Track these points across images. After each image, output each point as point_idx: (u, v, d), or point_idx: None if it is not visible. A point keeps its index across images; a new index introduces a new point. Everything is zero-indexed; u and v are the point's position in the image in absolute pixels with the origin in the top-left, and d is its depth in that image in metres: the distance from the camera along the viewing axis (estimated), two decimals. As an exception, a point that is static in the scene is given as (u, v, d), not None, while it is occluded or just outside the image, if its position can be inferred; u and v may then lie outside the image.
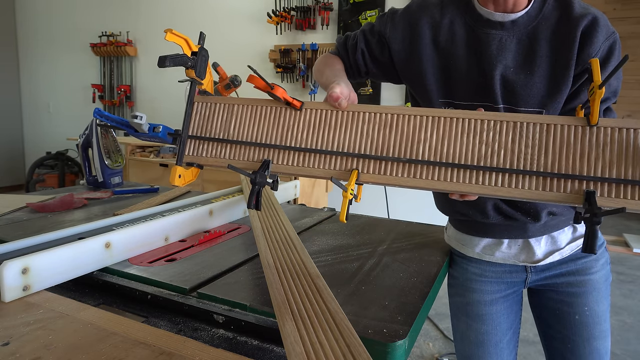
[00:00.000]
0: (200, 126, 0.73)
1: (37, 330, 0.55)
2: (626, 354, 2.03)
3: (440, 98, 0.85)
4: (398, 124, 0.67)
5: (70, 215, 1.12)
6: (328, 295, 0.62)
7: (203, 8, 3.99)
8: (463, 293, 0.96)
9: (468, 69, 0.81)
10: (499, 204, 0.85)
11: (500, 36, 0.79)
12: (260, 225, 0.93)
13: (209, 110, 0.74)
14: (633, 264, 3.24)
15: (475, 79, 0.81)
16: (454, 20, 0.84)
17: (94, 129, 1.41)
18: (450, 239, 0.97)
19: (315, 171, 0.67)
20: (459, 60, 0.82)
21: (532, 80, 0.77)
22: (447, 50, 0.83)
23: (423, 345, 2.11)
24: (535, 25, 0.77)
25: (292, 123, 0.70)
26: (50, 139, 4.99)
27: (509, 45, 0.78)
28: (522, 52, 0.78)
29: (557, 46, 0.76)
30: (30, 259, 0.65)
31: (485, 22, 0.80)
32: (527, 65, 0.78)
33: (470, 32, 0.82)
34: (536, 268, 0.90)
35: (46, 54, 5.02)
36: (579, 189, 0.59)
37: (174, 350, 0.51)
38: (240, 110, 0.73)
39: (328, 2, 3.32)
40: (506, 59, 0.78)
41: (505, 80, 0.78)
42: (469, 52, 0.81)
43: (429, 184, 0.63)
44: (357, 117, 0.68)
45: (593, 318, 0.88)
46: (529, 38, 0.78)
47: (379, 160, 0.66)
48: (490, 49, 0.79)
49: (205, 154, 0.72)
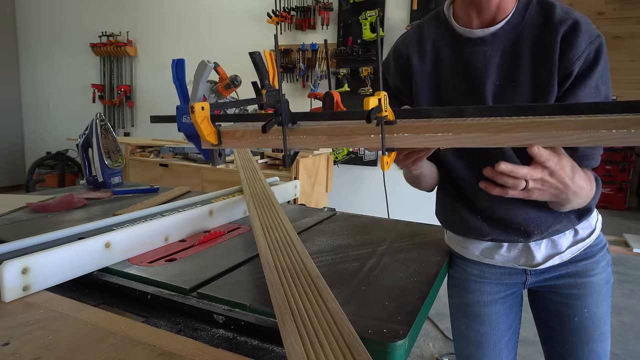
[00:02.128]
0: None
1: (37, 330, 0.55)
2: (626, 354, 2.03)
3: None
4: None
5: (70, 215, 1.12)
6: (328, 295, 0.62)
7: (203, 8, 3.99)
8: (462, 294, 0.96)
9: (458, 89, 0.82)
10: (497, 232, 0.86)
11: (484, 51, 0.78)
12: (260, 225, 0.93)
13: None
14: (633, 264, 3.24)
15: (467, 98, 0.81)
16: (436, 43, 0.84)
17: (94, 128, 1.41)
18: (450, 241, 0.97)
19: (345, 124, 0.63)
20: (448, 82, 0.83)
21: (519, 91, 0.77)
22: (435, 75, 0.84)
23: (423, 345, 2.11)
24: (518, 34, 0.76)
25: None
26: (50, 139, 4.99)
27: (493, 59, 0.78)
28: (506, 63, 0.77)
29: (539, 54, 0.75)
30: (30, 259, 0.65)
31: (467, 41, 0.80)
32: (512, 76, 0.77)
33: (454, 53, 0.82)
34: (536, 270, 0.90)
35: (46, 54, 5.02)
36: None
37: (174, 350, 0.51)
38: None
39: (328, 2, 3.32)
40: (493, 73, 0.78)
41: (494, 93, 0.78)
42: (455, 72, 0.82)
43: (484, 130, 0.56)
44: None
45: (592, 320, 0.88)
46: (512, 48, 0.77)
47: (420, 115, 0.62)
48: (477, 65, 0.79)
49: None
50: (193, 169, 2.82)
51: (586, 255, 0.88)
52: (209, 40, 4.00)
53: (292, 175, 2.58)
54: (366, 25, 3.12)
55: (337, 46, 3.32)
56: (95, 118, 1.42)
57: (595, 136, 0.52)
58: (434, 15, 0.87)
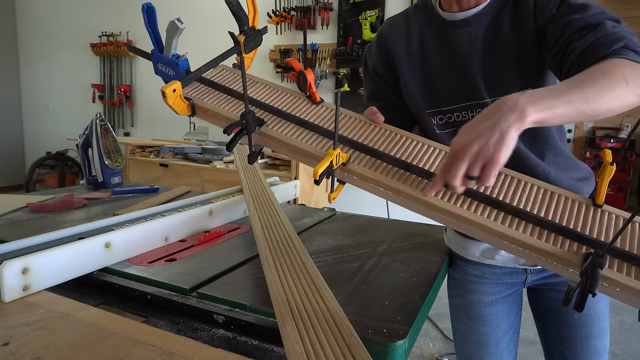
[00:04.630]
0: (216, 81, 0.76)
1: (37, 330, 0.55)
2: (626, 354, 2.03)
3: (427, 109, 0.86)
4: (404, 143, 0.69)
5: (70, 215, 1.12)
6: (328, 295, 0.62)
7: (203, 7, 3.99)
8: (463, 294, 0.96)
9: (447, 74, 0.83)
10: None
11: (468, 32, 0.80)
12: (260, 225, 0.93)
13: (232, 77, 0.78)
14: (633, 264, 3.23)
15: (457, 82, 0.82)
16: (422, 29, 0.86)
17: (94, 129, 1.41)
18: (450, 242, 0.97)
19: (305, 146, 0.68)
20: (436, 68, 0.84)
21: (507, 63, 0.78)
22: (422, 60, 0.85)
23: (423, 345, 2.11)
24: (498, 11, 0.79)
25: (304, 111, 0.72)
26: (50, 139, 4.99)
27: (477, 39, 0.80)
28: (490, 40, 0.79)
29: (519, 21, 0.77)
30: (30, 259, 0.65)
31: (450, 24, 0.82)
32: (498, 52, 0.79)
33: (439, 37, 0.84)
34: (536, 269, 0.90)
35: (46, 54, 5.01)
36: (578, 250, 0.54)
37: (174, 350, 0.51)
38: (260, 87, 0.76)
39: (328, 2, 3.32)
40: (479, 53, 0.80)
41: (484, 73, 0.80)
42: (443, 57, 0.83)
43: (418, 196, 0.61)
44: (370, 127, 0.70)
45: (592, 317, 0.88)
46: (493, 25, 0.79)
47: (374, 157, 0.66)
48: (463, 47, 0.81)
49: (206, 100, 0.73)
50: (193, 169, 2.82)
51: None
52: (208, 40, 4.00)
53: (292, 175, 2.58)
54: (366, 25, 3.12)
55: (337, 46, 3.32)
56: (95, 118, 1.42)
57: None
58: (420, 4, 0.89)
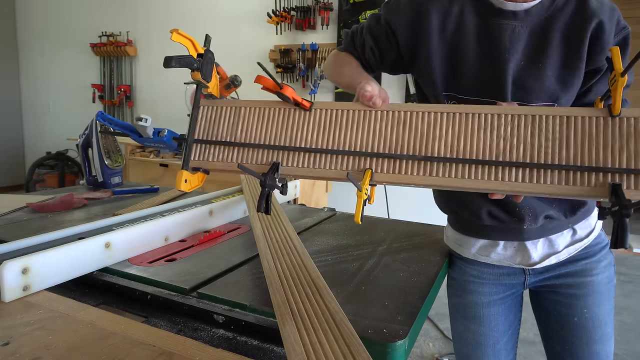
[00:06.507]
0: (207, 130, 0.72)
1: (37, 330, 0.55)
2: (626, 354, 2.03)
3: (444, 91, 0.81)
4: (412, 121, 0.64)
5: (70, 215, 1.12)
6: (328, 295, 0.62)
7: (203, 8, 3.99)
8: (461, 294, 0.95)
9: (477, 61, 0.78)
10: (491, 207, 0.84)
11: (513, 26, 0.75)
12: (260, 225, 0.93)
13: (215, 113, 0.73)
14: (633, 264, 3.24)
15: (484, 72, 0.77)
16: (464, 8, 0.79)
17: (94, 129, 1.41)
18: (449, 240, 0.97)
19: (326, 172, 0.65)
20: (468, 52, 0.78)
21: (544, 73, 0.74)
22: (455, 40, 0.79)
23: (423, 345, 2.11)
24: (548, 16, 0.75)
25: (301, 124, 0.68)
26: (50, 139, 4.99)
27: (521, 37, 0.75)
28: (534, 43, 0.75)
29: (570, 37, 0.73)
30: (30, 259, 0.65)
31: (497, 12, 0.76)
32: (539, 57, 0.74)
33: (481, 22, 0.78)
34: (534, 270, 0.90)
35: (46, 54, 5.02)
36: (604, 181, 0.56)
37: (174, 350, 0.51)
38: (248, 112, 0.71)
39: (328, 2, 3.32)
40: (518, 51, 0.75)
41: (517, 74, 0.75)
42: (479, 43, 0.77)
43: (446, 182, 0.60)
44: (369, 115, 0.66)
45: (593, 321, 0.87)
46: (541, 28, 0.75)
47: (393, 158, 0.63)
48: (503, 40, 0.75)
49: (212, 158, 0.70)
50: (193, 169, 2.82)
51: (586, 255, 0.88)
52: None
53: (292, 175, 2.58)
54: (366, 25, 3.12)
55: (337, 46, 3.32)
56: (95, 118, 1.42)
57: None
58: None
